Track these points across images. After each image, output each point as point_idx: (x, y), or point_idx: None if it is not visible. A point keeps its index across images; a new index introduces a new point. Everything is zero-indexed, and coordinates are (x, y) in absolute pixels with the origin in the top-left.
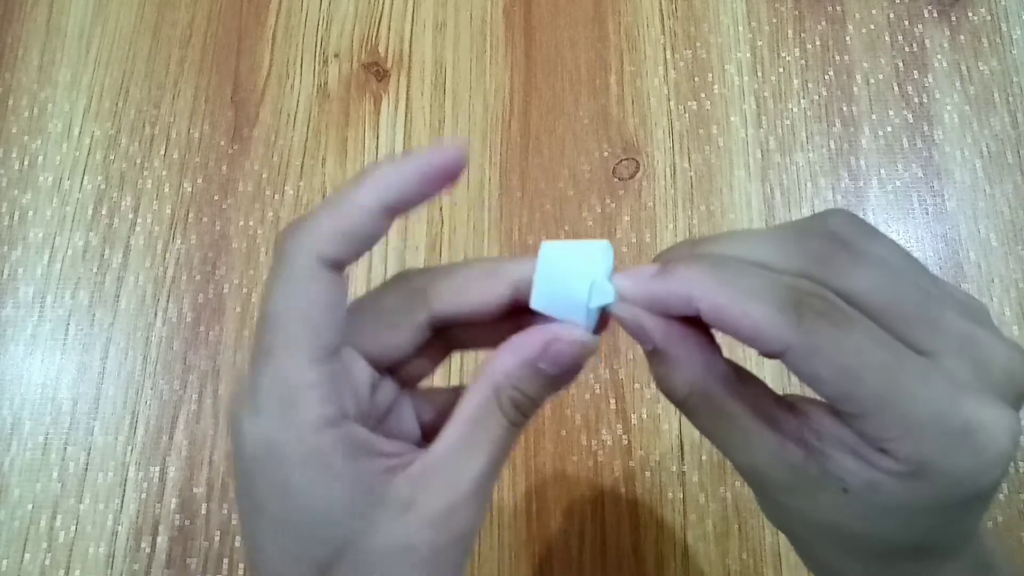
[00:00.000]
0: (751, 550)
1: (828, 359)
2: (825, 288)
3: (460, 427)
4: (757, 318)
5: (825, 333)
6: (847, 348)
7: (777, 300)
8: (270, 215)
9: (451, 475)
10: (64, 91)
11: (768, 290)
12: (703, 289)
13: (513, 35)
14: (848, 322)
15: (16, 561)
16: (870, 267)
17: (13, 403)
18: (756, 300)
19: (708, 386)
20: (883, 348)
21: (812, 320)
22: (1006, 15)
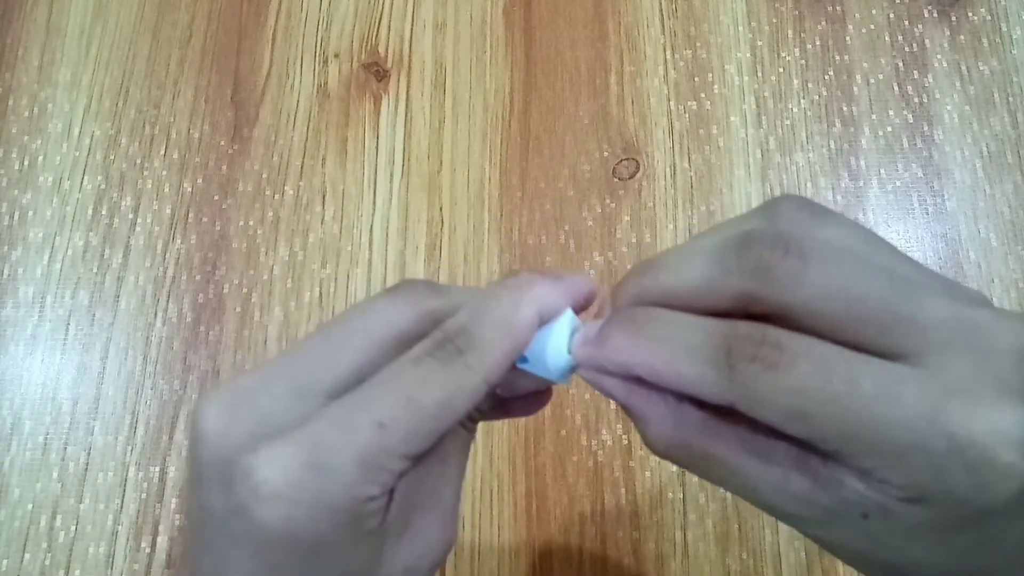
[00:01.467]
0: (751, 550)
1: (772, 407)
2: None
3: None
4: (692, 379)
5: (760, 379)
6: (786, 390)
7: (707, 354)
8: (270, 215)
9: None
10: (64, 91)
11: (697, 344)
12: (636, 357)
13: (513, 35)
14: (785, 360)
15: (16, 561)
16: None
17: (13, 403)
18: (687, 360)
19: (684, 437)
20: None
21: (744, 368)
22: (1006, 15)
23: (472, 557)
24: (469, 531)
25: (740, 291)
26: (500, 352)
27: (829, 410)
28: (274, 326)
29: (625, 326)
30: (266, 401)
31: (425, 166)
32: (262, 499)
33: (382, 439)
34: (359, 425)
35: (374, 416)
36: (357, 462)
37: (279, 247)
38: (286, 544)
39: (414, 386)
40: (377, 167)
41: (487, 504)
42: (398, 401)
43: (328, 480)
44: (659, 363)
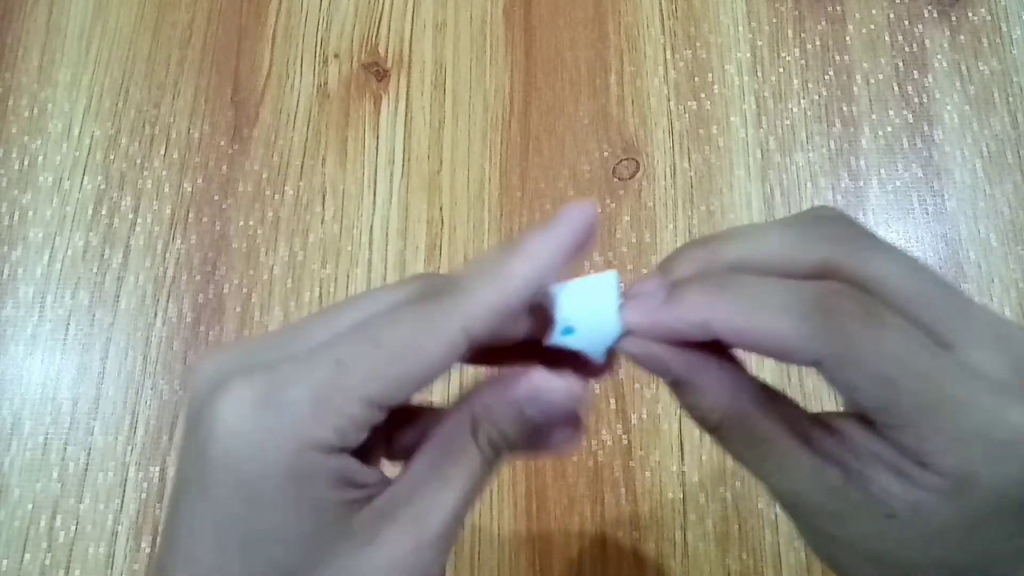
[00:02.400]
0: (751, 550)
1: (865, 368)
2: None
3: (432, 457)
4: (783, 334)
5: (858, 338)
6: (884, 354)
7: (801, 309)
8: (270, 215)
9: (419, 511)
10: (64, 91)
11: (789, 300)
12: (719, 313)
13: (513, 35)
14: (881, 323)
15: (16, 561)
16: (891, 251)
17: (13, 403)
18: (778, 314)
19: (740, 409)
20: (922, 350)
21: (843, 325)
22: (1006, 15)
23: (472, 557)
24: (469, 531)
25: (823, 258)
26: (483, 298)
27: (916, 383)
28: (274, 326)
29: (703, 284)
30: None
31: (425, 166)
32: (214, 433)
33: (339, 375)
34: (318, 362)
35: (334, 353)
36: (310, 397)
37: (279, 247)
38: (230, 483)
39: (382, 326)
40: (377, 167)
41: (487, 504)
42: (361, 340)
43: (277, 415)
44: (747, 320)
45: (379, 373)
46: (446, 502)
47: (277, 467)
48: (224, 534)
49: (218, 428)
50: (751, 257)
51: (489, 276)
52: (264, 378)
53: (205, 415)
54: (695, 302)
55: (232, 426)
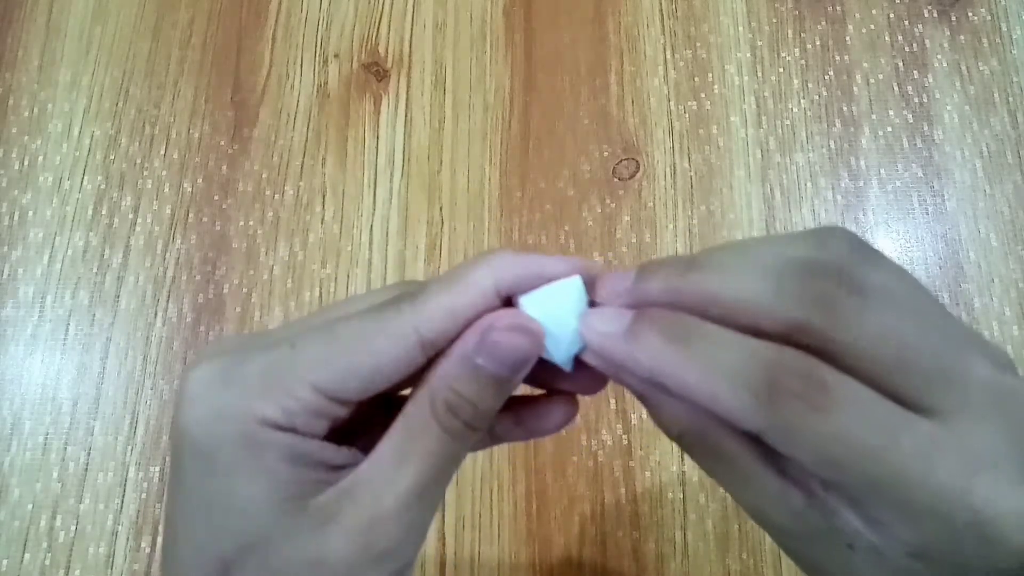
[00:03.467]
0: (751, 550)
1: (806, 446)
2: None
3: (392, 438)
4: (726, 400)
5: (801, 417)
6: (826, 434)
7: (749, 380)
8: (270, 215)
9: (377, 488)
10: (64, 91)
11: (740, 367)
12: (670, 367)
13: (513, 35)
14: (831, 403)
15: (16, 561)
16: (883, 312)
17: (13, 403)
18: (726, 382)
19: (700, 426)
20: (874, 429)
21: (787, 403)
22: (1006, 15)
23: (472, 557)
24: (469, 531)
25: (796, 320)
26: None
27: (863, 463)
28: (274, 326)
29: (661, 329)
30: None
31: (425, 166)
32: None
33: (289, 356)
34: (273, 344)
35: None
36: (260, 374)
37: (279, 247)
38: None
39: (342, 322)
40: (377, 167)
41: (487, 504)
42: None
43: (230, 388)
44: (694, 380)
45: (327, 361)
46: (403, 478)
47: (228, 435)
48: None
49: (184, 401)
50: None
51: (447, 282)
52: (228, 358)
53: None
54: (648, 347)
55: (194, 398)
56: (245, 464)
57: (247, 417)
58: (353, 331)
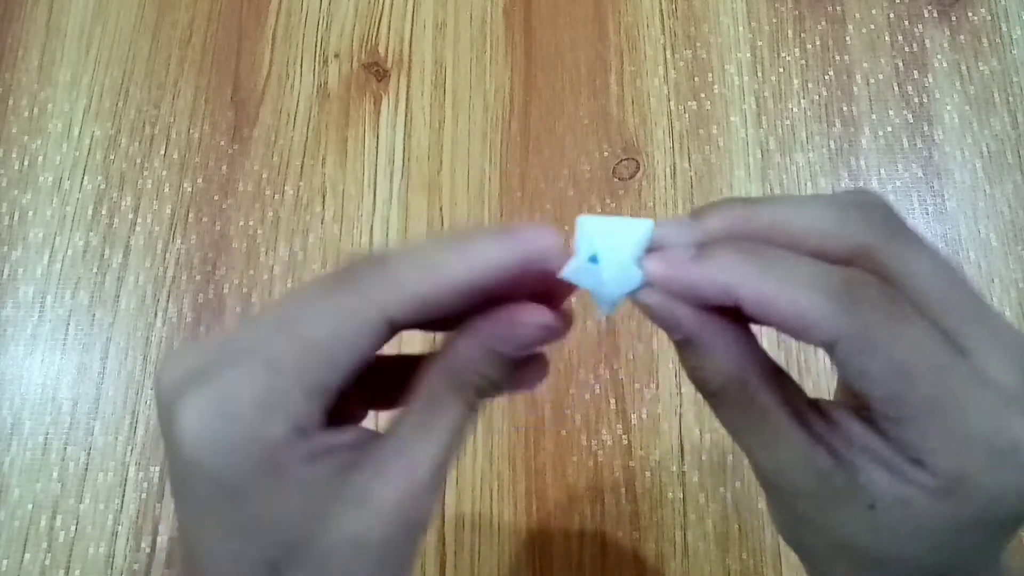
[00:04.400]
0: (751, 550)
1: (881, 354)
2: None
3: (416, 413)
4: (806, 306)
5: (880, 325)
6: (903, 344)
7: (828, 287)
8: (270, 215)
9: (406, 463)
10: (64, 91)
11: (818, 277)
12: (745, 277)
13: (513, 35)
14: (905, 316)
15: (16, 561)
16: (926, 249)
17: (13, 403)
18: (805, 289)
19: (744, 376)
20: (939, 349)
21: (867, 310)
22: (1006, 15)
23: (472, 557)
24: (469, 531)
25: (859, 243)
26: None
27: (929, 379)
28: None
29: (734, 247)
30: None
31: (425, 166)
32: (183, 443)
33: (272, 378)
34: (252, 367)
35: (264, 356)
36: (253, 404)
37: (279, 247)
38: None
39: (304, 320)
40: (377, 167)
41: (487, 504)
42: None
43: (232, 424)
44: (772, 288)
45: (308, 367)
46: (431, 454)
47: (246, 466)
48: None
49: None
50: (787, 227)
51: (419, 265)
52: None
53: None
54: (724, 263)
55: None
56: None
57: (260, 445)
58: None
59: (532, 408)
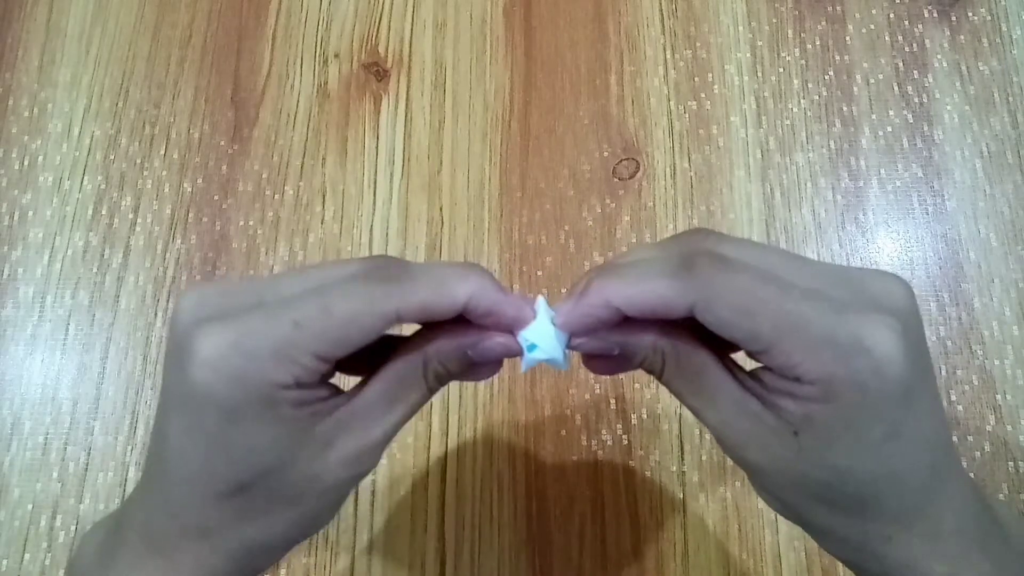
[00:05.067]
0: (751, 550)
1: (727, 302)
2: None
3: (385, 384)
4: (660, 289)
5: (718, 279)
6: (740, 288)
7: (671, 271)
8: (270, 215)
9: (368, 424)
10: (64, 91)
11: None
12: (613, 289)
13: (513, 35)
14: (733, 270)
15: (16, 561)
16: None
17: (13, 403)
18: (655, 279)
19: (676, 342)
20: (767, 285)
21: (703, 271)
22: (1006, 15)
23: (472, 557)
24: (469, 531)
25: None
26: (421, 295)
27: (766, 308)
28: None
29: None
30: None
31: (425, 166)
32: (194, 365)
33: (295, 335)
34: (281, 321)
35: (294, 316)
36: (271, 350)
37: (279, 247)
38: (210, 406)
39: (334, 298)
40: (377, 167)
41: (487, 504)
42: (316, 307)
43: (247, 361)
44: (632, 287)
45: (326, 336)
46: (390, 420)
47: (249, 397)
48: (211, 443)
49: (199, 363)
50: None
51: (436, 283)
52: (236, 327)
53: (187, 350)
54: (594, 287)
55: (211, 363)
56: (263, 416)
57: (266, 383)
58: (348, 310)
59: (532, 408)
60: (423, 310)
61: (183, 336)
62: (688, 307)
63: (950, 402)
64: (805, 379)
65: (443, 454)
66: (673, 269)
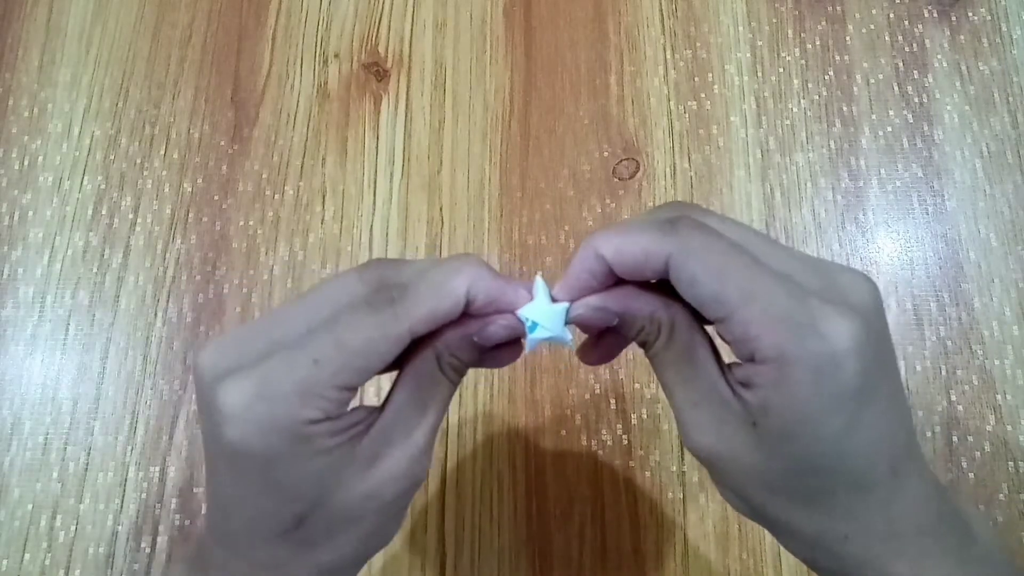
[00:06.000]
0: (751, 550)
1: (701, 260)
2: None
3: (408, 389)
4: (643, 240)
5: (697, 239)
6: (716, 250)
7: (656, 225)
8: (270, 215)
9: (407, 432)
10: (64, 91)
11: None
12: (601, 238)
13: (513, 35)
14: (714, 234)
15: (16, 561)
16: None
17: (13, 403)
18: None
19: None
20: (742, 255)
21: (685, 231)
22: (1006, 15)
23: (472, 557)
24: (469, 531)
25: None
26: (425, 307)
27: (739, 275)
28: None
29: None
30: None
31: (425, 166)
32: (224, 420)
33: (316, 373)
34: (299, 363)
35: (311, 355)
36: (296, 392)
37: (279, 247)
38: (246, 456)
39: (346, 331)
40: (377, 167)
41: (487, 504)
42: (331, 343)
43: (273, 406)
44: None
45: (346, 368)
46: (427, 422)
47: (283, 439)
48: (260, 489)
49: (228, 419)
50: None
51: (434, 289)
52: (256, 375)
53: (214, 407)
54: (587, 243)
55: (239, 416)
56: (302, 453)
57: (296, 423)
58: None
59: (532, 408)
60: (432, 320)
61: (208, 393)
62: (666, 257)
63: (950, 402)
64: (759, 356)
65: (443, 454)
66: (658, 225)
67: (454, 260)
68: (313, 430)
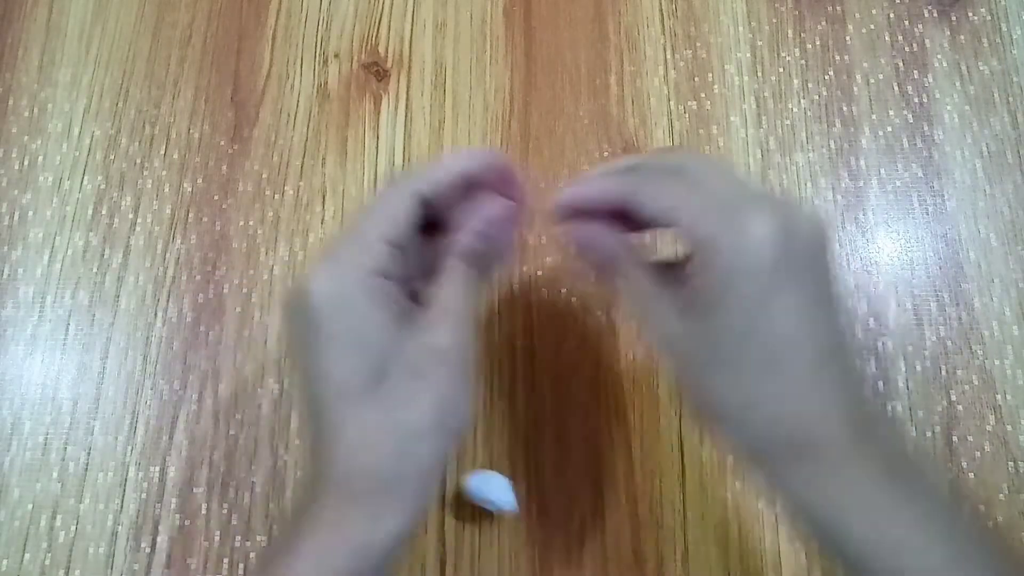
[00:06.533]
0: (751, 550)
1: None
2: None
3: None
4: (611, 184)
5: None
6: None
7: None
8: (270, 215)
9: (453, 305)
10: (64, 91)
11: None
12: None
13: (513, 35)
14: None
15: (16, 561)
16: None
17: (13, 403)
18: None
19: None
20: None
21: (644, 172)
22: (1006, 15)
23: (472, 557)
24: (469, 531)
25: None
26: (426, 171)
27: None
28: (274, 326)
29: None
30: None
31: None
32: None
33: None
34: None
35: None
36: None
37: (279, 247)
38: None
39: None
40: (377, 167)
41: None
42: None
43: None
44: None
45: (379, 226)
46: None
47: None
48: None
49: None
50: None
51: (433, 164)
52: (327, 258)
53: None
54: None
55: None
56: (370, 304)
57: (360, 270)
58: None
59: (532, 408)
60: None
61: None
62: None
63: (950, 402)
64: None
65: None
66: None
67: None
68: (375, 283)
